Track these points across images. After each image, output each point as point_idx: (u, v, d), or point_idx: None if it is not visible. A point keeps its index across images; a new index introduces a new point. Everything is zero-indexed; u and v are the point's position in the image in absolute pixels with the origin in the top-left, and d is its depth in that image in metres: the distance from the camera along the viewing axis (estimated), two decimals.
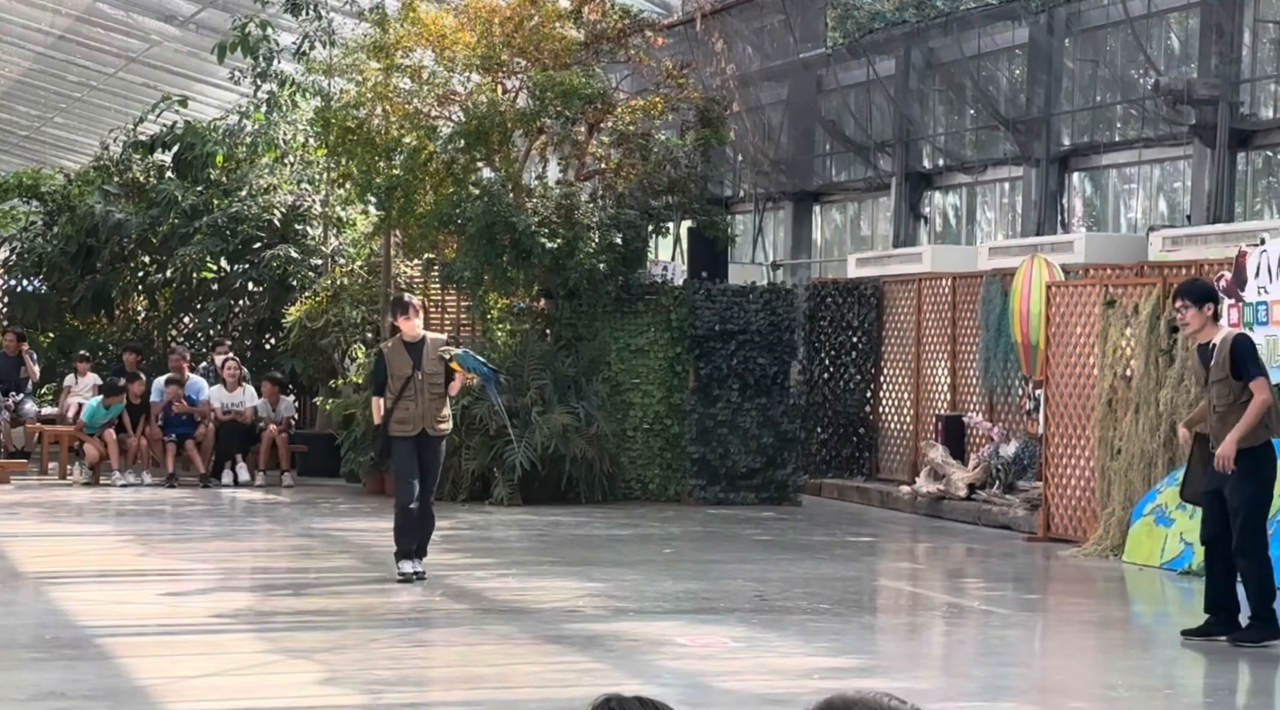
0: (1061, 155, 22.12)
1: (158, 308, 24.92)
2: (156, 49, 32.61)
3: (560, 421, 18.27)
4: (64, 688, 8.38)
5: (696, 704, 8.65)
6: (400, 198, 19.18)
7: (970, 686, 9.52)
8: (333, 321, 21.02)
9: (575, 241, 18.72)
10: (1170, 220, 20.51)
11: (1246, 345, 10.63)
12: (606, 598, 12.01)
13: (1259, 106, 19.74)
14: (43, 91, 39.09)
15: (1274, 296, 13.89)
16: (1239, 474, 10.45)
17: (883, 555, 16.06)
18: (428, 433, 12.56)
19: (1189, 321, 10.77)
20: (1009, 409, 18.69)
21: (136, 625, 10.69)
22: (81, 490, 19.76)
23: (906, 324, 20.56)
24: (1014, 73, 23.59)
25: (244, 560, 14.58)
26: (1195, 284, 11.24)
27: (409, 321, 12.70)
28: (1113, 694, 9.20)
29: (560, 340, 19.38)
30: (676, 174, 19.86)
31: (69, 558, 14.10)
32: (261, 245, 23.35)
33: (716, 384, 19.22)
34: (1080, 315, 15.89)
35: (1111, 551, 14.76)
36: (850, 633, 10.96)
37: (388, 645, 10.25)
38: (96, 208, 24.00)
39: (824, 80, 26.76)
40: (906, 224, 24.85)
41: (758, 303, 19.46)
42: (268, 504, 18.89)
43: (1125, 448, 14.94)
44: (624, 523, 17.13)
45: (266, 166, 24.23)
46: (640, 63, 20.26)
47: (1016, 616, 12.15)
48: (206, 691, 8.72)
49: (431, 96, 19.50)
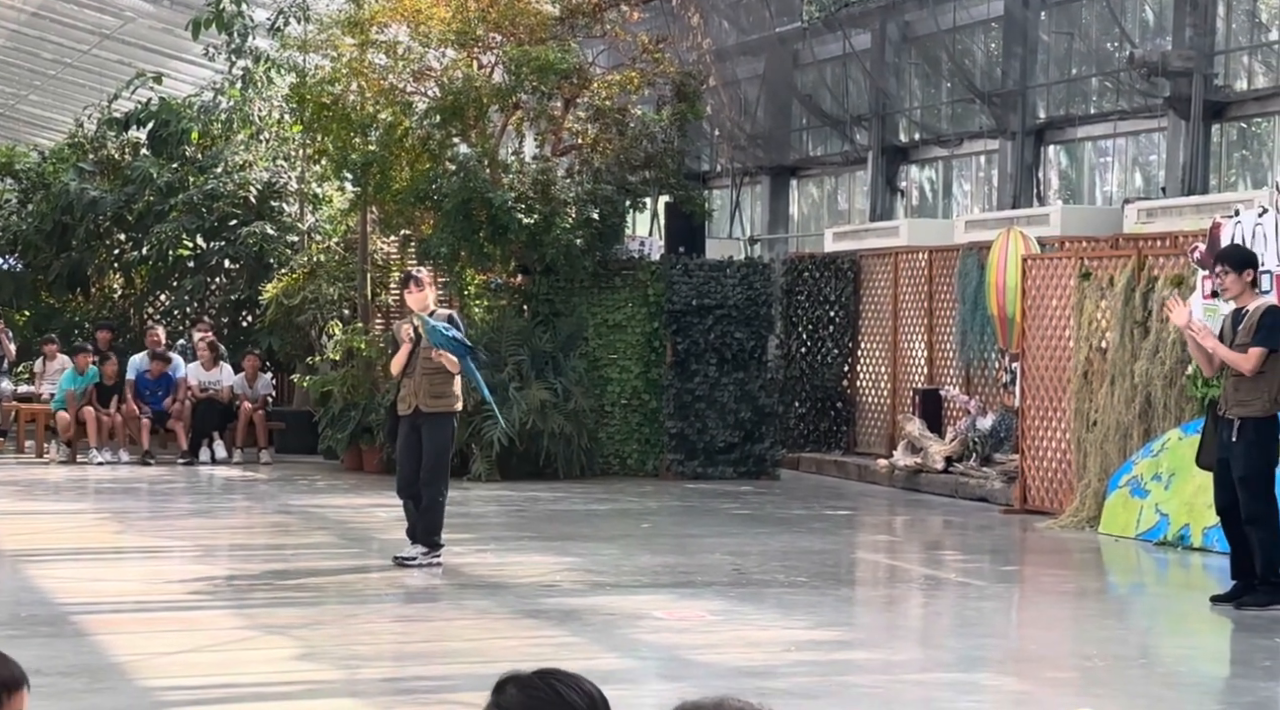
0: (1037, 128, 22.16)
1: (134, 285, 24.84)
2: (131, 25, 32.46)
3: (538, 397, 18.27)
4: (41, 664, 8.37)
5: (674, 677, 8.68)
6: (376, 174, 19.14)
7: (947, 657, 9.56)
8: (310, 298, 20.96)
9: (552, 217, 18.70)
10: (1145, 192, 20.57)
11: (1275, 317, 10.64)
12: (584, 572, 12.02)
13: (1233, 78, 19.79)
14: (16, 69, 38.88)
15: None
16: (1243, 442, 10.57)
17: (860, 528, 16.11)
18: (420, 410, 12.08)
19: (1228, 287, 10.83)
20: (986, 382, 18.74)
21: (114, 602, 10.69)
22: (58, 468, 19.72)
23: (883, 298, 20.59)
24: (989, 46, 23.61)
25: (221, 537, 14.56)
26: (1237, 250, 11.39)
27: (411, 296, 12.40)
28: (1089, 664, 9.24)
29: (537, 316, 19.37)
30: (653, 149, 19.83)
31: (46, 535, 14.08)
32: (238, 222, 23.28)
33: (694, 359, 19.23)
34: (1056, 288, 15.92)
35: (1087, 523, 14.82)
36: (827, 605, 10.99)
37: (365, 621, 10.26)
38: (71, 185, 23.90)
39: (800, 54, 26.76)
40: (883, 198, 24.88)
41: (735, 277, 19.47)
42: (245, 481, 18.87)
43: (1101, 419, 14.99)
44: (602, 498, 17.15)
45: (242, 143, 24.14)
46: (616, 37, 20.22)
47: (993, 588, 12.20)
48: (184, 667, 8.72)
49: (407, 72, 19.44)
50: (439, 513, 12.15)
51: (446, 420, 12.13)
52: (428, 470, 12.05)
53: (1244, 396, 10.62)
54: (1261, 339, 10.52)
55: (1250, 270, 10.82)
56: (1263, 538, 10.63)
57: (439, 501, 12.12)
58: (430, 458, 12.04)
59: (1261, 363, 10.50)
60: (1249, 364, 10.50)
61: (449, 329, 12.13)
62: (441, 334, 12.02)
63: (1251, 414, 10.56)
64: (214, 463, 20.44)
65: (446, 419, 12.12)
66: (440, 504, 12.14)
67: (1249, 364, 10.50)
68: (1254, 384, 10.55)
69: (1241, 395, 10.63)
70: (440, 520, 12.18)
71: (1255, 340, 10.54)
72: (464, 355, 12.16)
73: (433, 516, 12.12)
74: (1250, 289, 10.82)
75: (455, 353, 12.09)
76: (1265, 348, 10.49)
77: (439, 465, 12.09)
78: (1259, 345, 10.51)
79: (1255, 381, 10.54)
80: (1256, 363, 10.49)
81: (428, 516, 12.11)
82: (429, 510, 12.11)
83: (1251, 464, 10.60)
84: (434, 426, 12.06)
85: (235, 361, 21.46)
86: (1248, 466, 10.60)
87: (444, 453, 12.16)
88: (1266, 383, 10.54)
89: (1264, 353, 10.49)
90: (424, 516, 12.12)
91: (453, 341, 12.06)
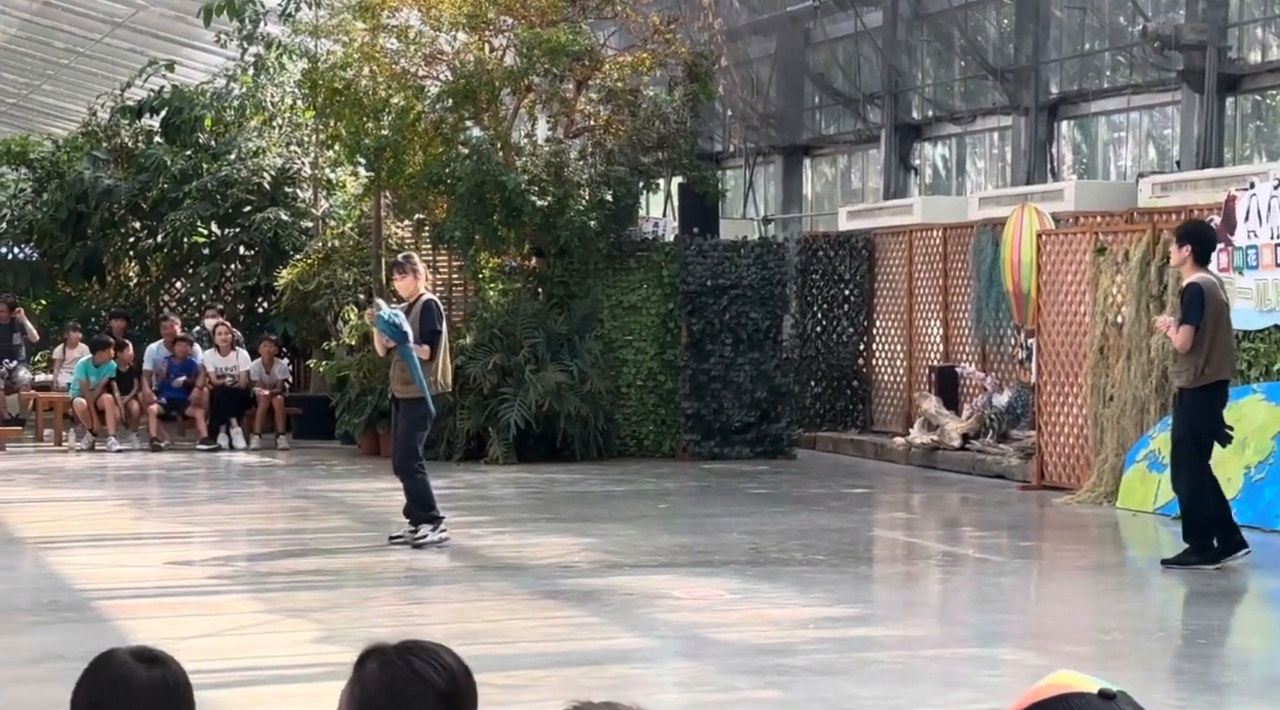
0: (1050, 104, 22.09)
1: (149, 273, 24.90)
2: (142, 14, 32.46)
3: (554, 379, 18.29)
4: (63, 649, 8.42)
5: (693, 655, 8.70)
6: (389, 158, 19.14)
7: (965, 633, 9.58)
8: (324, 284, 20.99)
9: (565, 199, 18.70)
10: (1159, 166, 20.51)
11: (1194, 291, 11.26)
12: (602, 553, 12.05)
13: (1247, 50, 19.72)
14: (29, 58, 38.91)
15: (1263, 240, 13.90)
16: (1180, 408, 11.47)
17: (877, 506, 16.11)
18: (395, 394, 12.50)
19: (1171, 258, 11.84)
20: (1001, 358, 18.72)
21: (134, 587, 10.73)
22: (77, 456, 19.78)
23: (898, 276, 20.57)
24: (1002, 22, 23.54)
25: (240, 522, 14.61)
26: (1184, 225, 12.11)
27: (399, 281, 12.60)
28: (1107, 638, 9.26)
29: (552, 298, 19.38)
30: (666, 130, 19.81)
31: (66, 523, 14.13)
32: (251, 209, 23.31)
33: (709, 339, 19.23)
34: (1071, 263, 15.89)
35: (1105, 498, 14.81)
36: (845, 583, 11.00)
37: (385, 603, 10.30)
38: (86, 174, 23.95)
39: (812, 33, 26.70)
40: (897, 176, 24.83)
41: (749, 257, 19.46)
42: (263, 467, 18.92)
43: (1117, 394, 14.98)
44: (619, 479, 17.17)
45: (255, 129, 24.18)
46: (627, 18, 20.20)
47: (1011, 564, 12.21)
48: (205, 651, 8.75)
49: (418, 56, 19.44)
50: (420, 487, 12.32)
51: (415, 404, 12.26)
52: (395, 452, 12.49)
53: (1178, 367, 11.48)
54: (1183, 316, 11.30)
55: (1189, 245, 11.33)
56: (1182, 500, 11.51)
57: (416, 477, 12.30)
58: (397, 439, 12.42)
59: (1190, 339, 11.19)
60: (1179, 342, 11.27)
61: (394, 315, 12.21)
62: (382, 320, 12.20)
63: (1182, 384, 11.39)
64: (231, 449, 20.49)
65: (416, 403, 12.24)
66: (418, 480, 12.31)
67: (1179, 342, 11.27)
68: (1185, 356, 11.29)
69: (1177, 366, 11.54)
70: (426, 493, 12.33)
71: (1181, 317, 11.33)
72: (400, 340, 12.15)
73: (415, 493, 12.33)
74: (1193, 264, 11.37)
75: (393, 337, 12.19)
76: (1189, 325, 11.20)
77: (405, 446, 12.35)
78: (1184, 323, 11.23)
79: (1187, 354, 11.26)
80: (1185, 339, 11.22)
81: (411, 494, 12.35)
82: (409, 489, 12.36)
83: (1176, 429, 11.51)
84: (405, 410, 12.37)
85: (251, 348, 21.51)
86: (1180, 431, 11.43)
87: (410, 435, 12.33)
88: (1194, 356, 11.25)
89: (1190, 330, 11.19)
90: (408, 496, 12.38)
91: (390, 326, 12.16)
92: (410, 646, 2.72)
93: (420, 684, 2.67)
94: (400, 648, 2.72)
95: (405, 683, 2.67)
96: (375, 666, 2.70)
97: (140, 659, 2.91)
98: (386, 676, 2.68)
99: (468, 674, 2.73)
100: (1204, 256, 11.44)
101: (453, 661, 2.72)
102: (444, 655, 2.72)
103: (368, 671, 2.69)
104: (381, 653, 2.72)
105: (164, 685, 2.89)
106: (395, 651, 2.71)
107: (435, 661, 2.70)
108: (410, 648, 2.72)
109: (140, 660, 2.90)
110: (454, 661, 2.72)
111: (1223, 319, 11.38)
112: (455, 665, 2.71)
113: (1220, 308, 11.38)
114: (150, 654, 2.93)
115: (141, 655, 2.92)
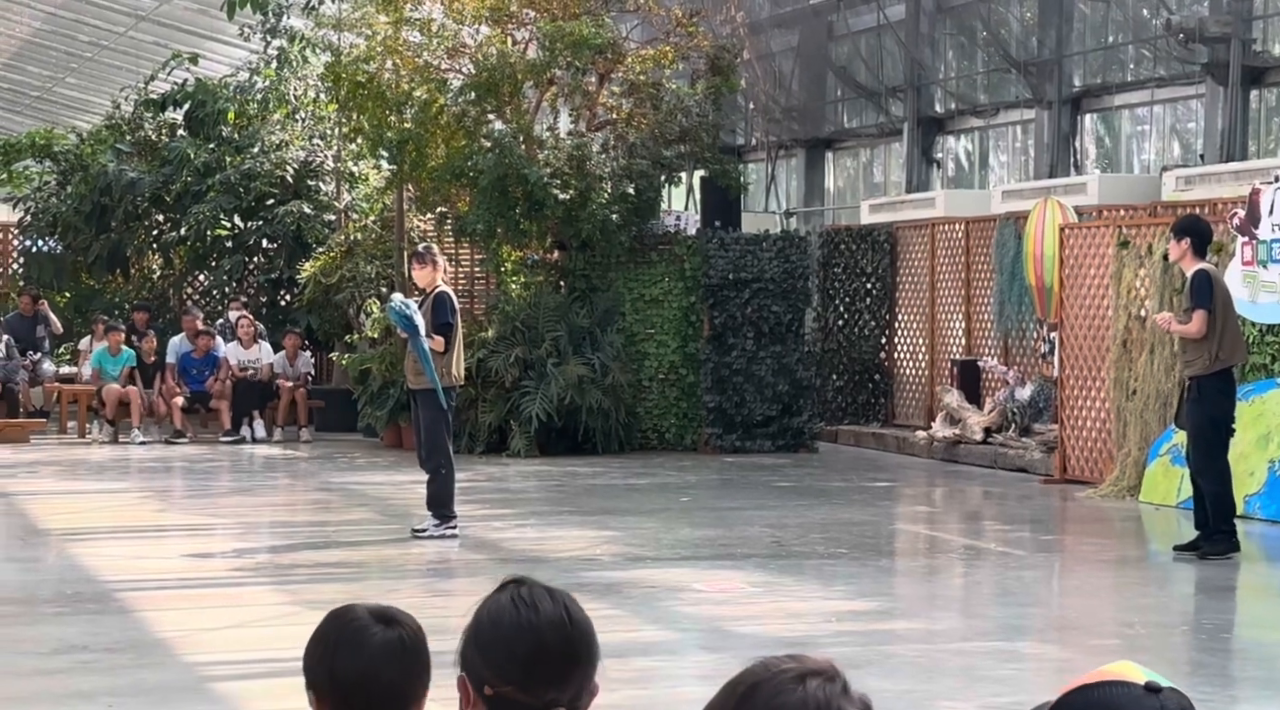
0: (1073, 97, 22.04)
1: (173, 266, 24.95)
2: (166, 7, 32.53)
3: (576, 372, 18.30)
4: (86, 641, 8.45)
5: (715, 648, 8.71)
6: (412, 152, 19.16)
7: (988, 626, 9.57)
8: (347, 277, 21.02)
9: (588, 192, 18.70)
10: (1183, 160, 20.46)
11: (1201, 277, 11.38)
12: (624, 546, 12.06)
13: (1271, 43, 19.65)
14: (54, 51, 39.02)
15: None
16: (1191, 400, 11.43)
17: (899, 499, 16.10)
18: (409, 386, 12.55)
19: (1171, 253, 11.89)
20: (1024, 352, 18.69)
21: (158, 579, 10.76)
22: (100, 448, 19.84)
23: (920, 269, 20.54)
24: (1025, 14, 23.50)
25: (263, 515, 14.64)
26: (1182, 219, 12.19)
27: (417, 272, 12.56)
28: (1130, 631, 9.24)
29: (574, 292, 19.39)
30: (688, 123, 19.80)
31: (89, 514, 14.17)
32: (275, 202, 23.36)
33: (731, 333, 19.23)
34: (1094, 257, 15.86)
35: (1128, 492, 14.78)
36: (867, 576, 11.00)
37: (408, 596, 10.30)
38: (109, 167, 24.00)
39: (834, 26, 26.68)
40: (919, 169, 24.80)
41: (771, 251, 19.45)
42: (286, 459, 18.96)
43: (1140, 388, 14.94)
44: (641, 472, 17.18)
45: (278, 123, 24.21)
46: (650, 11, 20.19)
47: (1034, 557, 12.19)
48: (228, 643, 8.79)
49: (441, 49, 19.45)
50: (442, 484, 12.28)
51: (431, 396, 12.19)
52: (422, 446, 12.41)
53: (1189, 357, 11.52)
54: (1195, 302, 11.31)
55: (1187, 238, 11.48)
56: (1209, 490, 11.38)
57: (440, 473, 12.26)
58: (422, 433, 12.36)
59: (1204, 324, 11.23)
60: (1194, 328, 11.28)
61: (405, 305, 12.21)
62: (393, 310, 12.23)
63: (1196, 373, 11.37)
64: (254, 441, 20.53)
65: (431, 395, 12.18)
66: (442, 476, 12.27)
67: (1194, 328, 11.28)
68: (1197, 345, 11.32)
69: (1188, 356, 11.54)
70: (446, 491, 12.31)
71: (1191, 304, 11.35)
72: (413, 333, 12.12)
73: (436, 488, 12.31)
74: (1192, 255, 11.50)
75: (404, 328, 12.22)
76: (1202, 309, 11.25)
77: (431, 439, 12.27)
78: (1197, 308, 11.27)
79: (1198, 342, 11.30)
80: (1200, 325, 11.26)
81: (431, 488, 12.34)
82: (431, 482, 12.35)
83: (1195, 419, 11.41)
84: (421, 403, 12.31)
85: (274, 341, 21.56)
86: (1193, 422, 11.42)
87: (434, 430, 12.25)
88: (1208, 343, 11.28)
89: (1204, 314, 11.24)
90: (429, 489, 12.38)
91: (401, 317, 12.14)
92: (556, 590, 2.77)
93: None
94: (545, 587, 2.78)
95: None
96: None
97: (377, 618, 2.92)
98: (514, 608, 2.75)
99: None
100: (1202, 248, 11.64)
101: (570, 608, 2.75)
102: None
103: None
104: (519, 578, 2.76)
105: (398, 644, 2.90)
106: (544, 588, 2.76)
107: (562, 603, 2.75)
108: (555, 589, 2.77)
109: (377, 619, 2.91)
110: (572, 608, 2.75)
111: (1230, 305, 11.54)
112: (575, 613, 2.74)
113: (1227, 294, 11.57)
114: (388, 615, 2.94)
115: (379, 614, 2.93)
